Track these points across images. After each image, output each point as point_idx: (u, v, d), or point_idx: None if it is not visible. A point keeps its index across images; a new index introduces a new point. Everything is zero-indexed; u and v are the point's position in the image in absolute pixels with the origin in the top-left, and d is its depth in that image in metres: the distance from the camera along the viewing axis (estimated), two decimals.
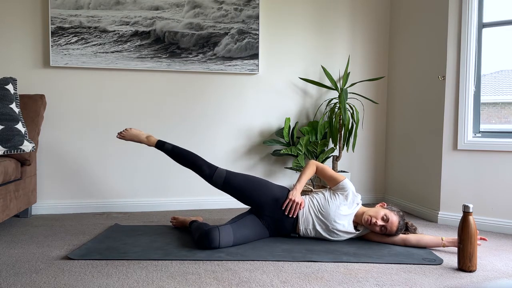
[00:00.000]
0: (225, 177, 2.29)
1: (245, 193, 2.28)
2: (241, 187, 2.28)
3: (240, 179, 2.30)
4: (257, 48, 3.18)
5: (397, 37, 3.37)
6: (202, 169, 2.30)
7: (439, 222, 2.79)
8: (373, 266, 1.89)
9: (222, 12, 3.14)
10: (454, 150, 2.75)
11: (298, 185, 2.30)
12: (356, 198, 2.28)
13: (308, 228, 2.25)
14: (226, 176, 2.29)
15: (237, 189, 2.29)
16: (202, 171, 2.30)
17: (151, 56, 3.06)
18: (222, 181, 2.29)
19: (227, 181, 2.29)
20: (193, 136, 3.20)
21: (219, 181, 2.29)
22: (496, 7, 2.69)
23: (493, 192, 2.62)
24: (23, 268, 1.81)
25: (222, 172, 2.31)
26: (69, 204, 3.01)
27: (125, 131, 2.43)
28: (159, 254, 1.99)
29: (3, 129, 2.37)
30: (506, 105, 2.93)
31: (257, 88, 3.29)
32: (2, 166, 2.26)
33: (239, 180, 2.30)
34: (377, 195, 3.55)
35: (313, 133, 3.22)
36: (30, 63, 2.94)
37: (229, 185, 2.29)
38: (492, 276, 1.80)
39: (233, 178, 2.30)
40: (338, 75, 3.43)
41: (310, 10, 3.36)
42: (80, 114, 3.03)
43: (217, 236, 2.06)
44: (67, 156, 3.02)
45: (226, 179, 2.29)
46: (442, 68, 2.79)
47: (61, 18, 2.93)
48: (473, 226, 1.82)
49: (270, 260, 1.94)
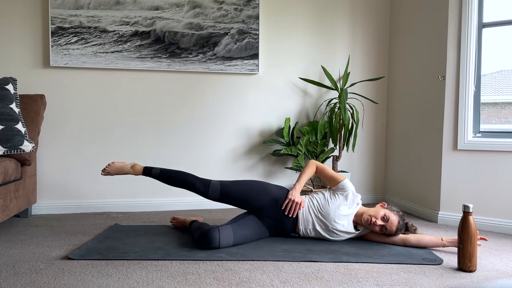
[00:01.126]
0: (220, 190, 2.27)
1: (243, 201, 2.27)
2: (238, 196, 2.27)
3: (235, 188, 2.28)
4: (257, 48, 3.18)
5: (397, 37, 3.37)
6: (195, 187, 2.27)
7: (439, 222, 2.79)
8: (373, 266, 1.89)
9: (222, 12, 3.15)
10: (454, 150, 2.75)
11: (298, 185, 2.29)
12: (356, 198, 2.28)
13: (308, 228, 2.25)
14: (221, 189, 2.27)
15: (235, 198, 2.27)
16: (196, 189, 2.27)
17: (151, 56, 3.06)
18: (218, 194, 2.27)
19: (223, 193, 2.27)
20: (193, 136, 3.20)
21: (215, 195, 2.27)
22: (496, 7, 2.69)
23: (493, 192, 2.62)
24: (23, 268, 1.81)
25: (216, 185, 2.28)
26: (69, 204, 3.01)
27: (108, 166, 2.36)
28: (159, 254, 1.99)
29: (3, 129, 2.37)
30: (506, 105, 2.93)
31: (257, 88, 3.29)
32: (2, 166, 2.26)
33: (234, 190, 2.27)
34: (377, 195, 3.55)
35: (313, 133, 3.22)
36: (30, 63, 2.94)
37: (226, 196, 2.27)
38: (492, 276, 1.80)
39: (228, 189, 2.27)
40: (338, 75, 3.43)
41: (310, 10, 3.36)
42: (80, 114, 3.03)
43: (217, 236, 2.06)
44: (67, 156, 3.02)
45: (221, 192, 2.27)
46: (442, 68, 2.79)
47: (61, 18, 2.93)
48: (473, 226, 1.82)
49: (270, 260, 1.94)
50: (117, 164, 2.37)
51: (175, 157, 3.16)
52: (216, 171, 3.24)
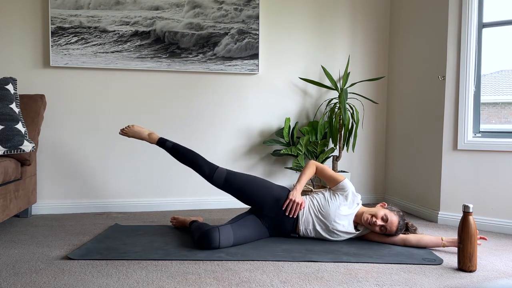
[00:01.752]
0: (225, 177, 2.29)
1: (245, 193, 2.28)
2: (242, 187, 2.29)
3: (240, 179, 2.30)
4: (257, 48, 3.18)
5: (397, 37, 3.37)
6: (202, 169, 2.31)
7: (439, 222, 2.79)
8: (373, 266, 1.89)
9: (222, 12, 3.15)
10: (454, 150, 2.75)
11: (298, 186, 2.30)
12: (356, 198, 2.28)
13: (308, 228, 2.25)
14: (226, 176, 2.30)
15: (238, 189, 2.29)
16: (203, 171, 2.31)
17: (151, 56, 3.06)
18: (223, 181, 2.29)
19: (228, 181, 2.29)
20: (193, 136, 3.20)
21: (220, 181, 2.29)
22: (496, 7, 2.70)
23: (493, 192, 2.62)
24: (23, 268, 1.81)
25: (222, 172, 2.31)
26: (69, 204, 3.01)
27: (128, 128, 2.44)
28: (159, 254, 1.99)
29: (3, 129, 2.37)
30: (506, 105, 2.93)
31: (257, 88, 3.29)
32: (2, 166, 2.26)
33: (239, 180, 2.30)
34: (377, 195, 3.55)
35: (313, 133, 3.22)
36: (30, 63, 2.94)
37: (229, 185, 2.29)
38: (492, 276, 1.80)
39: (233, 178, 2.30)
40: (338, 75, 3.43)
41: (310, 10, 3.36)
42: (80, 114, 3.03)
43: (217, 236, 2.06)
44: (67, 156, 3.02)
45: (226, 179, 2.29)
46: (442, 68, 2.79)
47: (61, 18, 2.93)
48: (473, 226, 1.82)
49: (270, 260, 1.94)
50: (136, 128, 2.45)
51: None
52: None
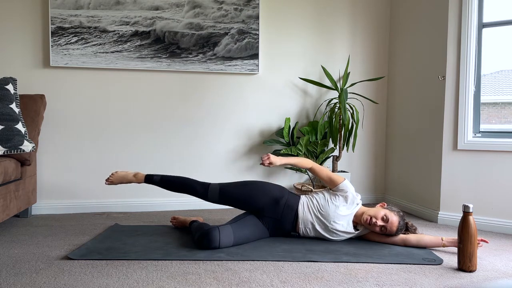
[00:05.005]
0: (219, 192, 2.28)
1: (243, 202, 2.28)
2: (238, 198, 2.27)
3: (235, 190, 2.29)
4: (257, 48, 3.18)
5: (397, 37, 3.37)
6: (196, 190, 2.29)
7: (439, 222, 2.79)
8: (373, 266, 1.89)
9: (222, 12, 3.14)
10: (454, 150, 2.75)
11: (284, 159, 2.30)
12: (356, 198, 2.28)
13: (308, 227, 2.25)
14: (220, 191, 2.28)
15: (234, 200, 2.28)
16: (197, 191, 2.29)
17: (151, 56, 3.06)
18: (217, 196, 2.28)
19: (222, 195, 2.28)
20: (193, 136, 3.20)
21: (215, 197, 2.29)
22: (496, 7, 2.69)
23: (493, 192, 2.62)
24: (23, 268, 1.81)
25: (215, 188, 2.30)
26: (69, 204, 3.01)
27: (112, 175, 2.40)
28: (159, 254, 1.99)
29: (3, 129, 2.37)
30: (506, 105, 2.93)
31: (257, 88, 3.29)
32: (2, 166, 2.26)
33: (233, 191, 2.28)
34: (377, 195, 3.55)
35: (313, 133, 3.22)
36: (30, 63, 2.94)
37: (225, 198, 2.28)
38: (492, 276, 1.80)
39: (227, 190, 2.29)
40: (338, 75, 3.43)
41: (310, 10, 3.36)
42: (80, 114, 3.03)
43: (217, 236, 2.06)
44: (67, 156, 3.02)
45: (220, 193, 2.28)
46: (442, 68, 2.79)
47: (61, 18, 2.93)
48: (473, 226, 1.82)
49: (270, 260, 1.94)
50: (120, 173, 2.41)
51: (175, 156, 3.16)
52: (216, 171, 3.24)
